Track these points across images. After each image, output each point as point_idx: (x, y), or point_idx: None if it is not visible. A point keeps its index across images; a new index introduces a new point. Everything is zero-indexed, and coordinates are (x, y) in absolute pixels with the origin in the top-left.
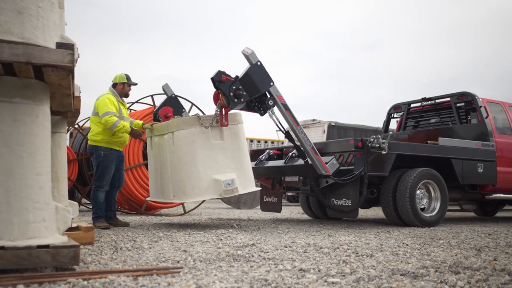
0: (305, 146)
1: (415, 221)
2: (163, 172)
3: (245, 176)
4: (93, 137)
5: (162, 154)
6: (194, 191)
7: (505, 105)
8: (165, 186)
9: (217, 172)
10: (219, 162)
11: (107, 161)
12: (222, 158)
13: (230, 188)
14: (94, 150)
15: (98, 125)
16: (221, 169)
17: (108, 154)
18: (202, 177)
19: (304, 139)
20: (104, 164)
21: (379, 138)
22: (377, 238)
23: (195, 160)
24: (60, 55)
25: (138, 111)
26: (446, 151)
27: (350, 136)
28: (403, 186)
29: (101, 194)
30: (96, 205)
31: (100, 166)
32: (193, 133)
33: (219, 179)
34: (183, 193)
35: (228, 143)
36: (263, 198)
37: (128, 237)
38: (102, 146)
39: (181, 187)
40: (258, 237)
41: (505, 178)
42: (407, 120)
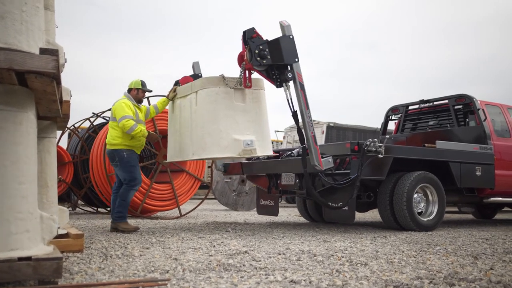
0: (308, 132)
1: (412, 225)
2: (182, 132)
3: (263, 140)
4: (112, 141)
5: (183, 114)
6: (214, 148)
7: (503, 108)
8: (184, 146)
9: (237, 133)
10: (239, 123)
11: (132, 160)
12: (243, 120)
13: (249, 148)
14: (116, 154)
15: (116, 128)
16: (241, 130)
17: (131, 154)
18: (223, 136)
19: (308, 125)
20: (131, 163)
21: (375, 141)
22: (373, 244)
23: (217, 118)
24: (44, 61)
25: None
26: (443, 154)
27: (349, 136)
28: (400, 190)
29: (132, 194)
30: (124, 204)
31: (127, 166)
32: (217, 92)
33: (239, 138)
34: (203, 150)
35: (250, 106)
36: (260, 201)
37: (120, 244)
38: (123, 149)
39: (201, 144)
40: (252, 243)
41: (504, 181)
42: (405, 122)
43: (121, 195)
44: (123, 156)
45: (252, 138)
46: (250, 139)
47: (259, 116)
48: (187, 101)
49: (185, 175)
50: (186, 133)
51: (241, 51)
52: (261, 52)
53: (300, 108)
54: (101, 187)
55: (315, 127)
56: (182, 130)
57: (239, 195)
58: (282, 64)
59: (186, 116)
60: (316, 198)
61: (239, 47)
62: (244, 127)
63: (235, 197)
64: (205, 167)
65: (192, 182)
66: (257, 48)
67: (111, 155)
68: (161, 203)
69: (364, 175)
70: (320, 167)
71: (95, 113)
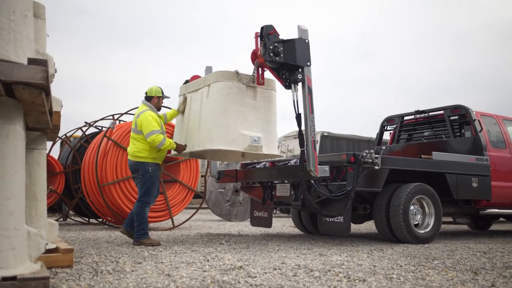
0: (308, 136)
1: (408, 237)
2: (190, 124)
3: (270, 139)
4: (139, 153)
5: (193, 108)
6: (221, 140)
7: (498, 118)
8: (190, 138)
9: (245, 128)
10: (249, 120)
11: (155, 177)
12: (252, 117)
13: (255, 144)
14: (141, 167)
15: (142, 141)
16: (250, 127)
17: (155, 170)
18: (231, 129)
19: (311, 129)
20: (153, 180)
21: (372, 153)
22: (370, 258)
23: (227, 112)
24: (32, 71)
25: (127, 122)
26: (440, 165)
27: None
28: (396, 201)
29: (147, 210)
30: (143, 221)
31: (148, 182)
32: (229, 86)
33: (246, 134)
34: (210, 141)
35: (260, 105)
36: (254, 213)
37: (111, 258)
38: (149, 162)
39: (208, 135)
40: (247, 257)
41: (500, 192)
42: (400, 132)
43: (137, 215)
44: (147, 170)
45: (260, 135)
46: (257, 136)
47: (268, 115)
48: (198, 95)
49: (178, 186)
50: (194, 125)
51: (254, 48)
52: (275, 49)
53: (304, 112)
54: (93, 198)
55: None
56: (190, 123)
57: (233, 206)
58: (294, 65)
59: (196, 109)
60: (312, 206)
61: (234, 55)
62: (252, 124)
63: (229, 208)
64: (199, 177)
65: (185, 193)
66: (272, 44)
67: (135, 167)
68: (153, 214)
69: (360, 186)
70: (316, 174)
71: (88, 123)
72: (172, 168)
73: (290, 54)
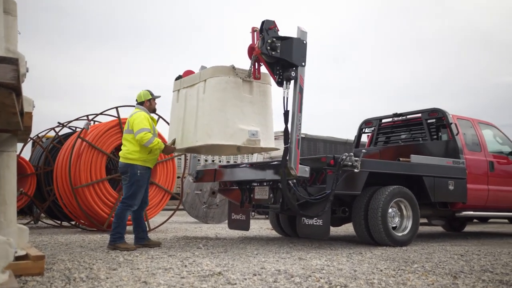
0: (293, 134)
1: (387, 240)
2: (187, 120)
3: (267, 133)
4: (129, 155)
5: (189, 103)
6: (220, 135)
7: (474, 122)
8: (187, 133)
9: (243, 123)
10: (246, 114)
11: (143, 180)
12: (249, 111)
13: (253, 139)
14: (130, 169)
15: (133, 142)
16: (247, 121)
17: (144, 174)
18: (229, 124)
19: (296, 127)
20: (140, 183)
21: (351, 156)
22: (350, 262)
23: (225, 106)
24: (1, 70)
25: (102, 123)
26: (418, 168)
27: (320, 148)
28: (375, 204)
29: (128, 213)
30: (121, 225)
31: (135, 185)
32: (226, 81)
33: (244, 128)
34: (209, 136)
35: (256, 99)
36: (231, 216)
37: (85, 264)
38: (139, 165)
39: (207, 131)
40: (225, 262)
41: (475, 195)
42: (378, 135)
43: (117, 216)
44: (136, 173)
45: (257, 129)
46: (255, 130)
47: (264, 109)
48: (194, 90)
49: (154, 188)
50: (190, 121)
51: (251, 43)
52: (272, 44)
53: (293, 110)
54: (66, 200)
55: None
56: (187, 119)
57: (210, 208)
58: (289, 63)
59: (192, 104)
60: (291, 205)
61: (212, 57)
62: (250, 118)
63: (206, 210)
64: (175, 178)
65: (162, 195)
66: (271, 39)
67: (124, 169)
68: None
69: (340, 189)
70: (296, 172)
71: (61, 123)
72: None
73: (287, 51)
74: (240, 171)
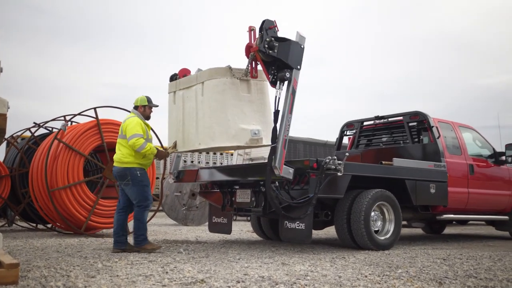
0: (281, 134)
1: (369, 244)
2: (186, 122)
3: (268, 130)
4: (124, 159)
5: (187, 105)
6: (222, 137)
7: (454, 125)
8: (189, 136)
9: (244, 122)
10: (246, 113)
11: (145, 180)
12: (248, 110)
13: (256, 137)
14: (129, 172)
15: (127, 146)
16: (248, 120)
17: (144, 174)
18: (231, 125)
19: (285, 128)
20: (144, 183)
21: (335, 159)
22: (334, 267)
23: (225, 108)
24: None
25: (80, 124)
26: (400, 172)
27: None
28: (357, 208)
29: (147, 214)
30: (142, 226)
31: (140, 185)
32: (224, 82)
33: (246, 128)
34: (211, 139)
35: (255, 97)
36: (212, 219)
37: (61, 271)
38: (136, 167)
39: (209, 133)
40: (207, 268)
41: (455, 198)
42: (359, 138)
43: (137, 219)
44: (136, 175)
45: (259, 127)
46: (257, 129)
47: (263, 106)
48: (191, 92)
49: None
50: (191, 123)
51: (248, 42)
52: (270, 43)
53: (283, 110)
54: (41, 203)
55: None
56: (186, 121)
57: (189, 210)
58: (284, 64)
59: (191, 106)
60: (274, 205)
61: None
62: (250, 117)
63: (185, 212)
64: (155, 180)
65: None
66: (269, 38)
67: (122, 174)
68: (107, 220)
69: (323, 193)
70: (279, 172)
71: (37, 123)
72: None
73: (284, 52)
74: (222, 172)
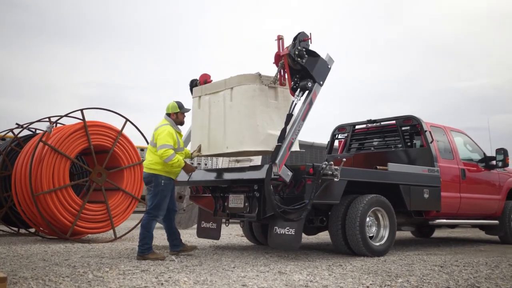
0: (289, 135)
1: (364, 250)
2: (213, 127)
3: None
4: (153, 165)
5: (214, 110)
6: (251, 142)
7: (446, 129)
8: (215, 140)
9: (272, 128)
10: (273, 119)
11: (167, 190)
12: (276, 117)
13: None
14: (154, 179)
15: (156, 154)
16: (275, 126)
17: (168, 184)
18: (260, 130)
19: (294, 131)
20: (164, 193)
21: (331, 164)
22: (333, 277)
23: (255, 113)
24: None
25: (66, 126)
26: (396, 177)
27: None
28: (352, 214)
29: (155, 224)
30: (148, 236)
31: (159, 195)
32: (254, 89)
33: (274, 134)
34: (240, 143)
35: (281, 104)
36: (201, 224)
37: (50, 284)
38: (162, 175)
39: (238, 138)
40: (203, 278)
41: (448, 203)
42: (351, 141)
43: (143, 227)
44: (160, 183)
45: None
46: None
47: (298, 116)
48: (219, 97)
49: (121, 194)
50: (218, 127)
51: (277, 51)
52: (301, 52)
53: (297, 115)
54: (25, 207)
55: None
56: (213, 125)
57: (176, 213)
58: (309, 74)
59: (218, 111)
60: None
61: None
62: (277, 123)
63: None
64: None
65: (128, 202)
66: (301, 47)
67: (149, 179)
68: (94, 225)
69: (318, 198)
70: (278, 170)
71: (20, 124)
72: (115, 175)
73: (311, 65)
74: (216, 173)
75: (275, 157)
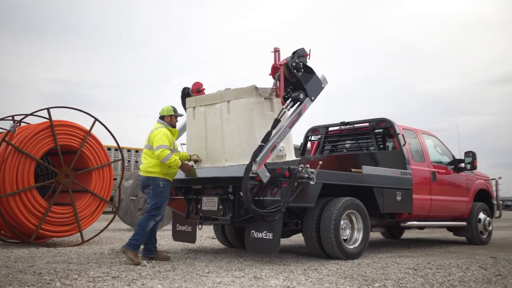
0: (273, 139)
1: (338, 253)
2: (210, 138)
3: (289, 147)
4: (150, 168)
5: (211, 122)
6: (250, 155)
7: (417, 132)
8: (213, 152)
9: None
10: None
11: (165, 192)
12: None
13: (281, 154)
14: (152, 181)
15: (153, 157)
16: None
17: (166, 185)
18: (258, 143)
19: (279, 136)
20: (163, 195)
21: (307, 167)
22: (309, 281)
23: (253, 127)
24: None
25: (32, 125)
26: (370, 179)
27: None
28: (327, 217)
29: (152, 224)
30: (143, 233)
31: (158, 196)
32: (251, 102)
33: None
34: (240, 156)
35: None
36: (176, 227)
37: None
38: (160, 178)
39: (237, 151)
40: (177, 285)
41: (419, 205)
42: (324, 143)
43: (140, 225)
44: (158, 185)
45: (283, 144)
46: (281, 146)
47: (285, 123)
48: (215, 109)
49: (89, 196)
50: (215, 140)
51: (273, 63)
52: (298, 65)
53: (284, 122)
54: None
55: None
56: (210, 137)
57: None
58: (302, 87)
59: (215, 123)
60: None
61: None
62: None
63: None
64: (112, 185)
65: (97, 204)
66: (299, 61)
67: (146, 182)
68: (60, 228)
69: (293, 202)
70: (257, 168)
71: None
72: (82, 176)
73: (306, 79)
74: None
75: (256, 155)
